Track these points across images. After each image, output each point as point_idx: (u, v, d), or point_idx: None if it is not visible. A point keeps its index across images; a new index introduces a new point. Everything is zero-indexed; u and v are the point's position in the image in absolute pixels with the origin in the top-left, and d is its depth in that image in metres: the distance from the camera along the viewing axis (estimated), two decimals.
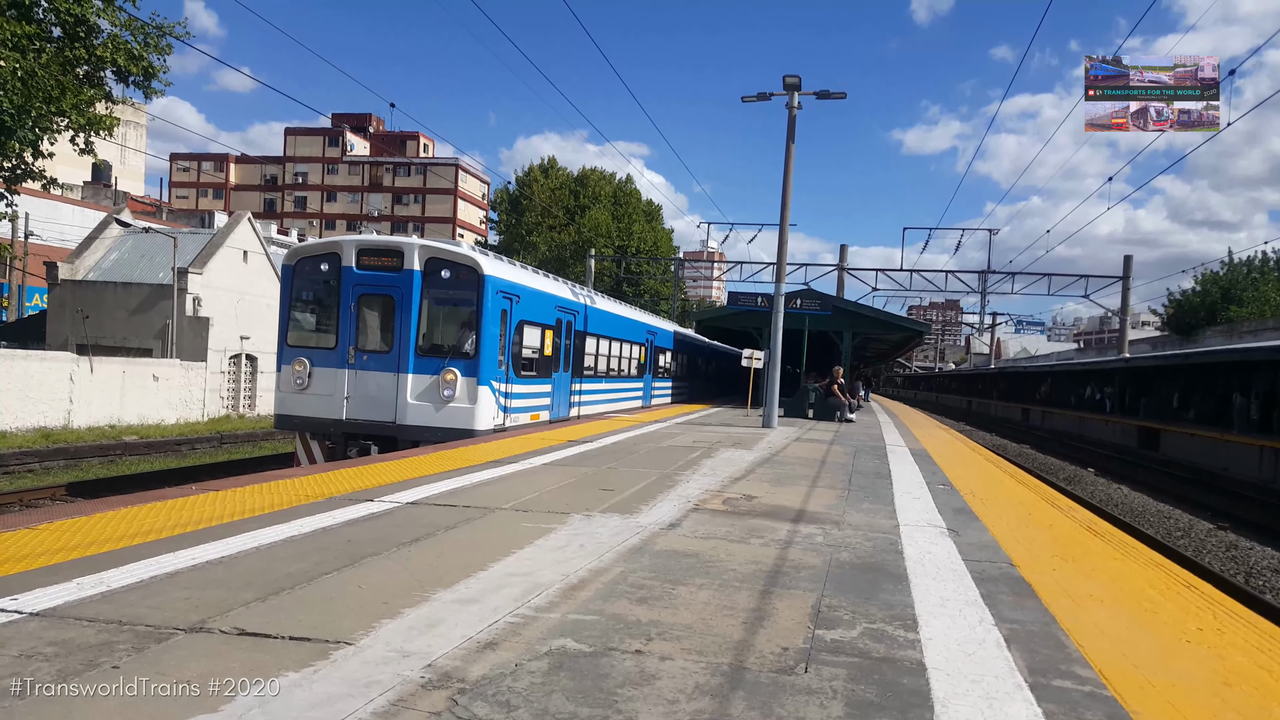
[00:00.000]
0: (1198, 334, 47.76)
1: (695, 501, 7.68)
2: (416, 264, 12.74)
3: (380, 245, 13.24)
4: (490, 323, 12.96)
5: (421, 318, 12.84)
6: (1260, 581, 11.72)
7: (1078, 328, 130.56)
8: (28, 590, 4.05)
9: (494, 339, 13.11)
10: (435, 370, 12.68)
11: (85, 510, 6.06)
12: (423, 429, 12.53)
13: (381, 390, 12.74)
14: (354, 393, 12.81)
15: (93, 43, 15.88)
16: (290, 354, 13.12)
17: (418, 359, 12.70)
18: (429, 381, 12.69)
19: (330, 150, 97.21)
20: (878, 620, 4.27)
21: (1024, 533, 7.10)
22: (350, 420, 12.81)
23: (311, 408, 12.91)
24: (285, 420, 13.30)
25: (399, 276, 12.78)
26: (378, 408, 12.75)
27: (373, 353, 12.90)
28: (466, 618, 3.98)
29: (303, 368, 12.91)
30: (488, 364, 12.87)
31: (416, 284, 12.74)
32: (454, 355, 12.78)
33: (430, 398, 12.67)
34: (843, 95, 17.96)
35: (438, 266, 12.82)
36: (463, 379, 12.65)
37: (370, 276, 12.92)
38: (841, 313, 24.98)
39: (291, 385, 12.98)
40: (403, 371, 12.69)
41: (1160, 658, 3.93)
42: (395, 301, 12.85)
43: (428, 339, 13.01)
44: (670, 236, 62.67)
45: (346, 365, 12.84)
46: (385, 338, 13.00)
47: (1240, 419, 27.08)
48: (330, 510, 6.38)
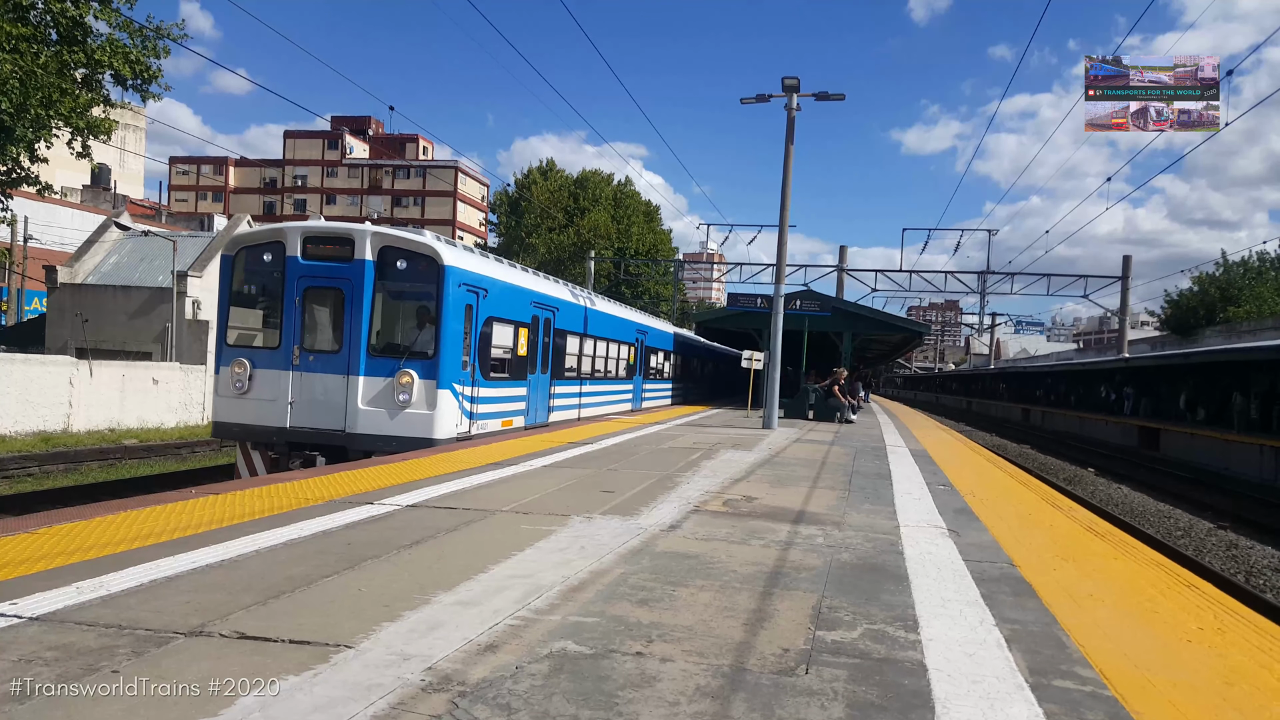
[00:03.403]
0: (1196, 334, 47.81)
1: (696, 503, 7.67)
2: (368, 253, 11.53)
3: (328, 232, 11.98)
4: (452, 319, 11.81)
5: (374, 313, 11.68)
6: (1261, 580, 11.72)
7: (1077, 328, 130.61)
8: (27, 595, 4.05)
9: (457, 337, 11.97)
10: (390, 372, 11.52)
11: (84, 514, 6.05)
12: (375, 438, 11.39)
13: (330, 395, 11.57)
14: (299, 398, 11.64)
15: (90, 45, 15.88)
16: (229, 355, 12.00)
17: (370, 360, 11.53)
18: (383, 385, 11.51)
19: (329, 153, 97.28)
20: (878, 621, 4.26)
21: (1024, 533, 7.10)
22: (295, 428, 11.63)
23: (252, 414, 11.75)
24: (223, 428, 12.16)
25: (349, 267, 11.56)
26: (325, 414, 11.57)
27: (320, 353, 11.74)
28: (467, 620, 3.97)
29: (243, 370, 11.78)
30: (449, 365, 11.75)
31: (368, 276, 11.54)
32: (411, 355, 11.62)
33: (384, 403, 11.49)
34: (841, 97, 17.97)
35: (393, 256, 11.67)
36: (420, 382, 11.48)
37: (317, 268, 11.71)
38: (841, 314, 24.99)
39: (230, 389, 11.86)
40: (353, 374, 11.51)
41: (1161, 657, 3.93)
42: (345, 295, 11.64)
43: (381, 337, 11.89)
44: (669, 238, 62.71)
45: (291, 367, 11.66)
46: (334, 336, 11.83)
47: (1240, 418, 27.11)
48: (330, 513, 6.38)
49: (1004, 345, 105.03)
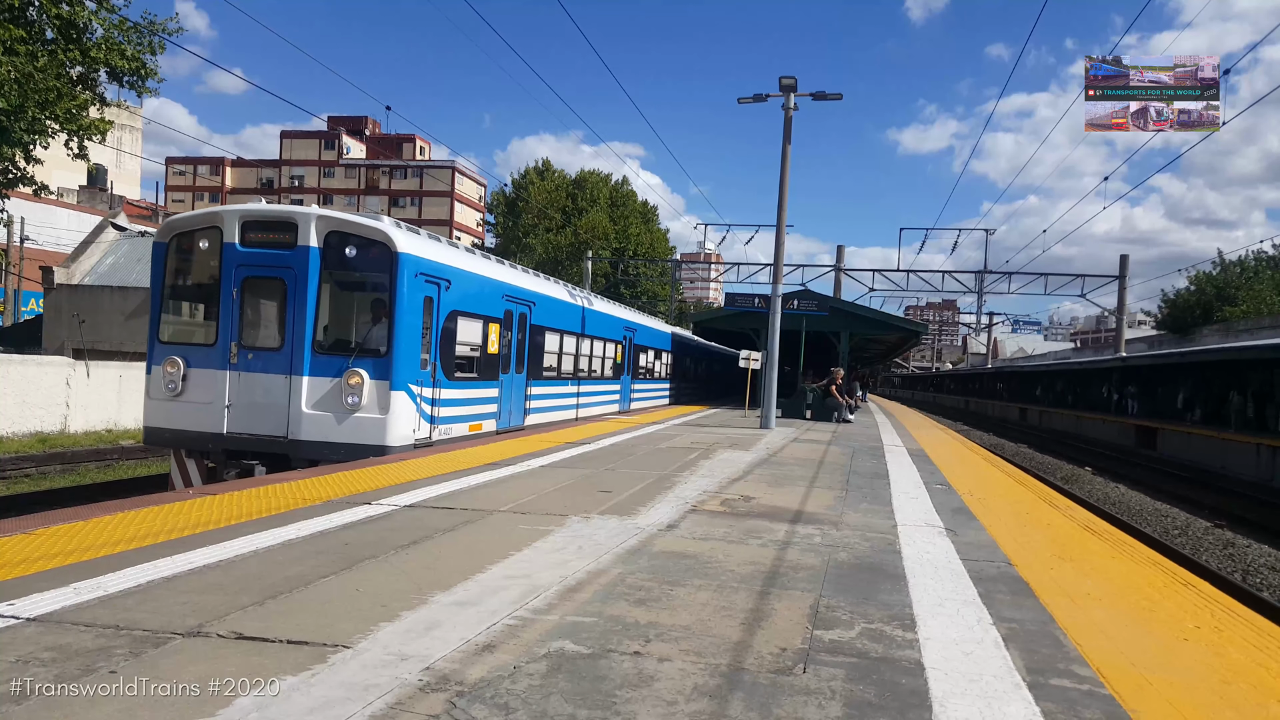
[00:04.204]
0: (1193, 333, 47.89)
1: (693, 503, 7.68)
2: (313, 239, 10.51)
3: (269, 216, 10.92)
4: (408, 312, 10.82)
5: (320, 306, 10.69)
6: (1258, 579, 11.74)
7: (1074, 327, 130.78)
8: (25, 595, 4.04)
9: (414, 332, 10.98)
10: (337, 372, 10.50)
11: (82, 515, 6.05)
12: (320, 445, 10.39)
13: (271, 397, 10.53)
14: (238, 400, 10.60)
15: (85, 43, 15.85)
16: (162, 352, 10.93)
17: (315, 358, 10.52)
18: (329, 386, 10.48)
19: (326, 153, 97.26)
20: (876, 620, 4.27)
21: (1022, 532, 7.11)
22: (232, 435, 10.58)
23: (186, 419, 10.69)
24: (154, 434, 11.01)
25: (292, 255, 10.54)
26: (266, 419, 10.52)
27: (260, 350, 10.73)
28: (464, 620, 3.97)
29: (176, 370, 10.72)
30: (405, 363, 10.76)
31: (314, 264, 10.52)
32: (361, 353, 10.64)
33: (331, 406, 10.47)
34: (839, 96, 17.99)
35: (341, 242, 10.63)
36: (371, 382, 10.47)
37: (258, 255, 10.69)
38: (838, 313, 25.01)
39: (162, 391, 10.78)
40: (297, 373, 10.48)
41: (1158, 656, 3.94)
42: (287, 286, 10.61)
43: (329, 333, 10.96)
44: (666, 238, 62.74)
45: (228, 366, 10.63)
46: (276, 331, 10.81)
47: (1237, 417, 27.16)
48: (327, 514, 6.37)
49: (1001, 345, 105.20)
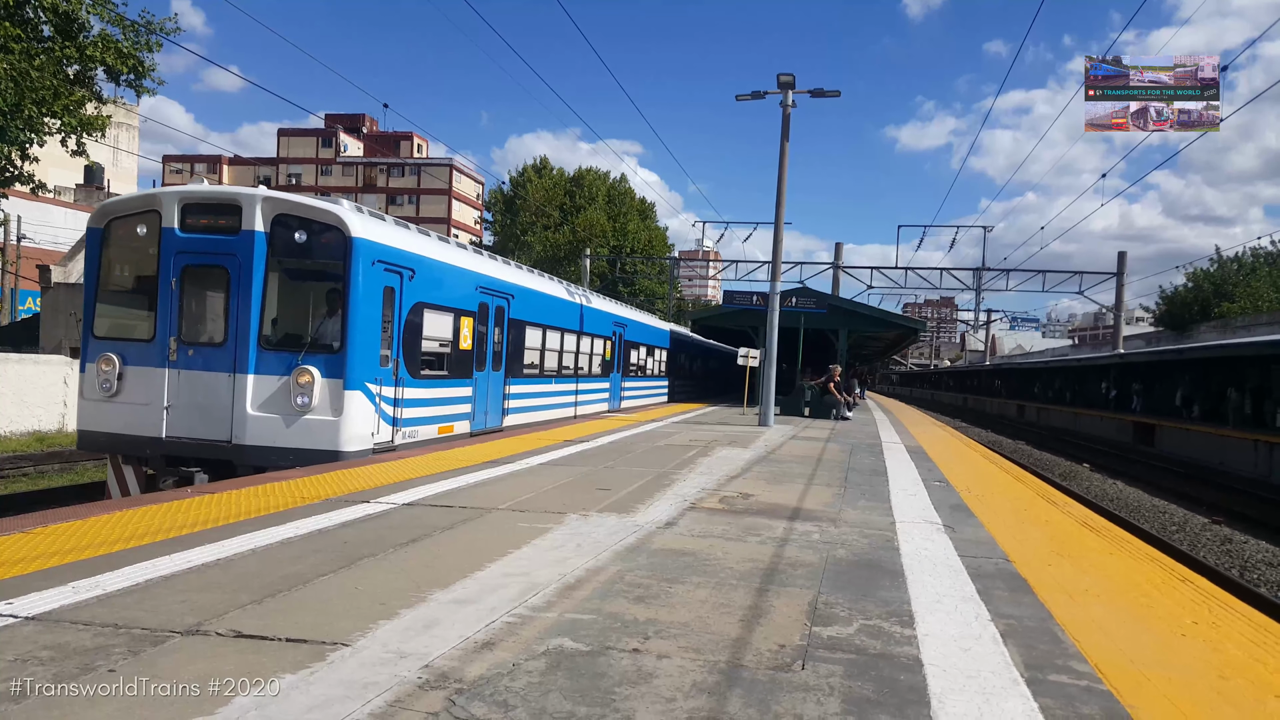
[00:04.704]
0: (1191, 330, 47.94)
1: (692, 500, 7.68)
2: (259, 223, 9.73)
3: (211, 198, 10.06)
4: (366, 303, 10.03)
5: (267, 297, 9.87)
6: (1255, 575, 11.76)
7: (1072, 324, 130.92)
8: (23, 594, 4.04)
9: (372, 326, 10.20)
10: (286, 369, 9.70)
11: (80, 514, 6.05)
12: (267, 450, 9.57)
13: (213, 398, 9.70)
14: (177, 401, 9.75)
15: (82, 41, 15.82)
16: (96, 349, 10.06)
17: (262, 354, 9.72)
18: (277, 385, 9.68)
19: (324, 151, 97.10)
20: (874, 617, 4.28)
21: (1020, 528, 7.12)
22: (172, 439, 9.73)
23: (123, 421, 9.84)
24: (89, 438, 10.14)
25: (236, 241, 9.74)
26: (208, 421, 9.69)
27: (202, 346, 9.87)
28: (463, 618, 3.98)
29: (111, 368, 9.88)
30: (361, 360, 9.96)
31: (259, 250, 9.71)
32: (313, 349, 9.83)
33: (279, 407, 9.66)
34: (837, 94, 17.99)
35: (290, 226, 9.83)
36: (323, 381, 9.65)
37: (199, 242, 9.85)
38: (837, 311, 25.04)
39: (97, 391, 9.94)
40: (241, 372, 9.67)
41: (1156, 652, 3.94)
42: (231, 275, 9.80)
43: (277, 327, 10.12)
44: (665, 236, 62.70)
45: (167, 364, 9.78)
46: (219, 325, 9.96)
47: (1235, 414, 27.20)
48: (326, 512, 6.37)
49: (999, 341, 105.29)
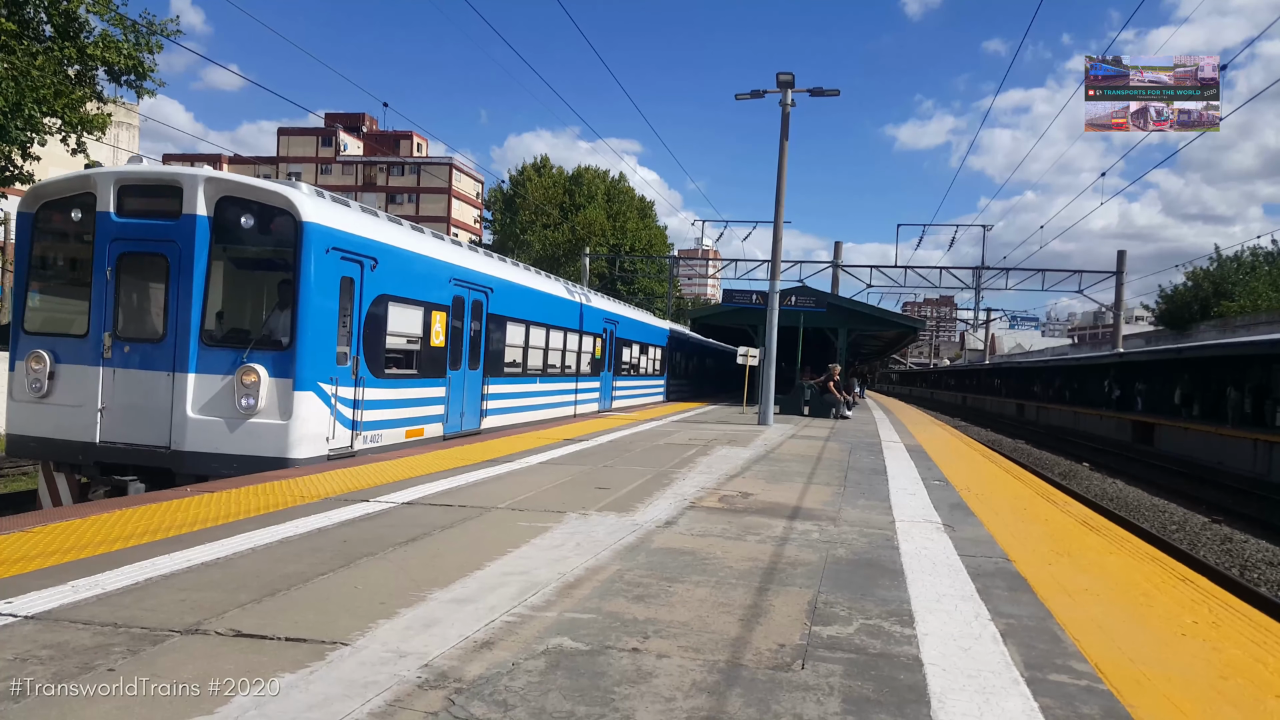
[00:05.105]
0: (1190, 329, 47.96)
1: (691, 499, 7.68)
2: (201, 206, 8.92)
3: (150, 179, 9.29)
4: (319, 294, 9.25)
5: (210, 288, 9.08)
6: (1255, 574, 11.76)
7: (1072, 323, 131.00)
8: (22, 593, 4.04)
9: (326, 320, 9.42)
10: (230, 368, 8.91)
11: (79, 512, 6.05)
12: (209, 457, 8.78)
13: (151, 399, 8.90)
14: (112, 402, 8.97)
15: (83, 41, 15.82)
16: (26, 345, 9.29)
17: (204, 351, 8.91)
18: (221, 385, 8.88)
19: (324, 150, 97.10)
20: (874, 616, 4.28)
21: (1019, 528, 7.12)
22: (107, 444, 8.93)
23: (53, 425, 9.06)
24: (18, 444, 9.36)
25: (176, 226, 8.92)
26: (145, 425, 8.89)
27: (139, 342, 9.07)
28: (463, 617, 3.97)
29: (42, 366, 9.11)
30: (314, 357, 9.20)
31: (201, 236, 8.93)
32: (260, 345, 9.02)
33: (222, 410, 8.86)
34: (836, 93, 17.99)
35: (236, 210, 9.05)
36: (270, 380, 8.90)
37: (137, 227, 9.07)
38: (836, 310, 25.04)
39: (26, 391, 9.16)
40: (181, 370, 8.87)
41: (1156, 651, 3.94)
42: (170, 264, 8.99)
43: (222, 321, 9.39)
44: (664, 234, 62.74)
45: (102, 362, 9.00)
46: (158, 319, 9.16)
47: (1234, 413, 27.22)
48: (325, 511, 6.37)
49: (999, 340, 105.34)
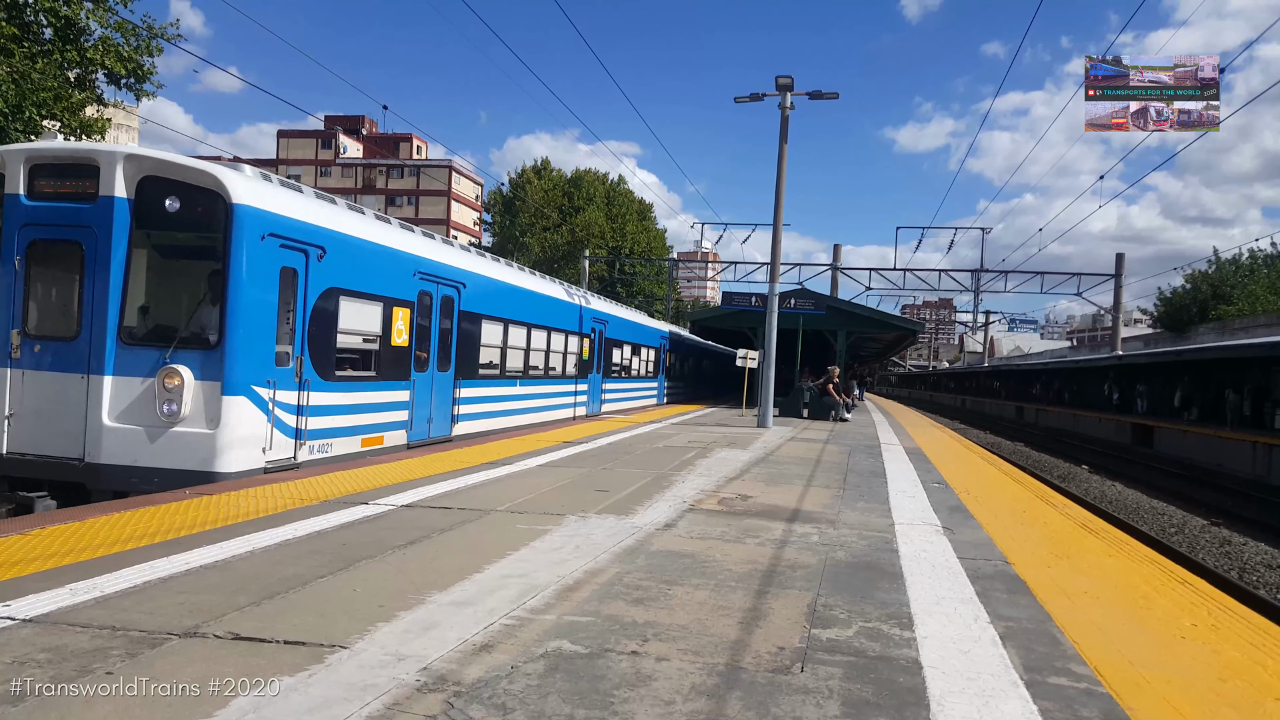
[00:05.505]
0: (1189, 331, 47.98)
1: (691, 502, 7.68)
2: (120, 187, 8.05)
3: (65, 157, 8.30)
4: (253, 287, 8.31)
5: (130, 279, 8.17)
6: (1254, 577, 11.76)
7: (1071, 325, 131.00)
8: (21, 596, 4.03)
9: (262, 315, 8.49)
10: (151, 370, 8.00)
11: (78, 515, 6.04)
12: (127, 470, 7.88)
13: (62, 404, 8.02)
14: (21, 408, 8.11)
15: (83, 44, 15.83)
16: None
17: (123, 351, 8.03)
18: (141, 389, 7.98)
19: (323, 152, 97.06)
20: (873, 619, 4.27)
21: (1019, 530, 7.12)
22: (14, 455, 8.07)
23: None
24: None
25: (93, 210, 8.04)
26: (57, 434, 8.02)
27: (51, 340, 8.21)
28: (462, 620, 3.97)
29: None
30: (246, 358, 8.25)
31: (120, 221, 8.04)
32: (185, 344, 8.10)
33: (142, 417, 7.96)
34: (835, 96, 18.00)
35: (159, 191, 8.11)
36: (196, 384, 7.99)
37: (50, 211, 8.17)
38: (835, 312, 25.05)
39: None
40: (96, 372, 7.99)
41: (1155, 654, 3.94)
42: (86, 252, 8.10)
43: (144, 317, 8.43)
44: (664, 237, 62.78)
45: (9, 363, 8.16)
46: (72, 315, 8.24)
47: (1233, 415, 27.22)
48: (325, 514, 6.36)
49: (998, 343, 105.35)
